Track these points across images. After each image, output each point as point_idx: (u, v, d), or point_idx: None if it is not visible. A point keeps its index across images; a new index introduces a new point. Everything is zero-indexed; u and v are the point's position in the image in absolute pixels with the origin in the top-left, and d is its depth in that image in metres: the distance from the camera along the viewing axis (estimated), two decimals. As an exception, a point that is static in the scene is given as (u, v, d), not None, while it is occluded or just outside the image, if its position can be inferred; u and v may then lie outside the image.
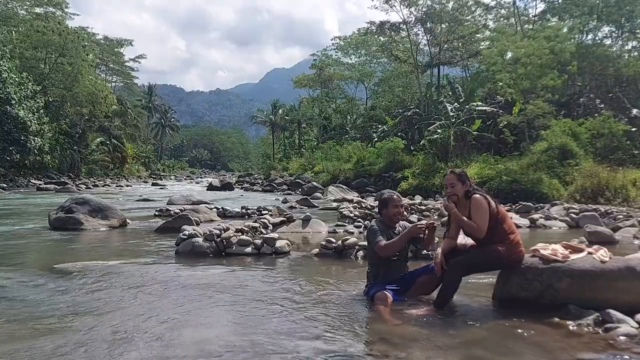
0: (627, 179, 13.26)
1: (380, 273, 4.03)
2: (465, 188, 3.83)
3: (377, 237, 3.96)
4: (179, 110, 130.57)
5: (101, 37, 52.94)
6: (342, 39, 45.13)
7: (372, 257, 4.11)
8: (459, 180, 3.84)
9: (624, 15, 22.96)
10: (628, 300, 3.40)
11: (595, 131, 17.52)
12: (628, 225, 8.62)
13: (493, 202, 3.78)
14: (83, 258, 5.94)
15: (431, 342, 3.10)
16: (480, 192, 3.84)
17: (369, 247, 4.15)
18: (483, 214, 3.68)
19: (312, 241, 7.55)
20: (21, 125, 26.34)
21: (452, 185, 3.85)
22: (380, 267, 4.04)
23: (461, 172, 3.93)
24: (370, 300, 3.93)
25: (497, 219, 3.71)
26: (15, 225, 9.70)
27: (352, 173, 25.11)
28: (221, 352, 2.88)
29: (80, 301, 4.06)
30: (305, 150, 44.54)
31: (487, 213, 3.69)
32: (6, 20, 34.86)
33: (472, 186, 3.90)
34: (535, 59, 17.90)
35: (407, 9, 31.87)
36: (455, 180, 3.84)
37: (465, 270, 3.78)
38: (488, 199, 3.77)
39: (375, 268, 4.07)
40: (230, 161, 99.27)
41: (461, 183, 3.83)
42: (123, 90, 59.90)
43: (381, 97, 42.76)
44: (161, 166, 65.48)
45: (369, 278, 4.14)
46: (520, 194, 14.38)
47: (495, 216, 3.70)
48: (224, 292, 4.34)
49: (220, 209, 11.49)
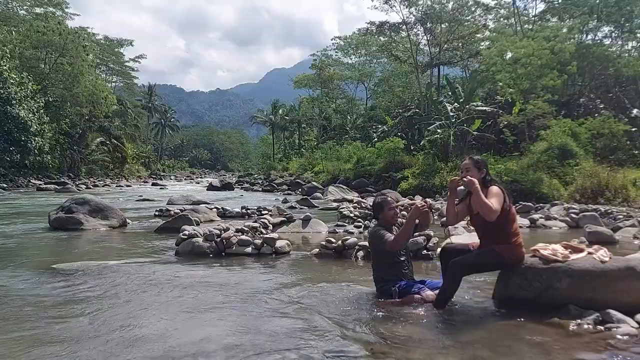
0: (627, 179, 13.25)
1: (391, 272, 3.98)
2: (482, 175, 3.77)
3: (385, 235, 3.93)
4: (179, 110, 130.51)
5: (101, 37, 52.95)
6: (342, 39, 45.18)
7: (381, 259, 4.04)
8: (475, 166, 3.80)
9: (624, 16, 22.94)
10: (628, 300, 3.40)
11: (595, 131, 17.51)
12: (628, 225, 8.61)
13: (508, 199, 3.74)
14: (83, 258, 5.94)
15: (431, 342, 3.10)
16: (499, 185, 3.80)
17: (377, 249, 4.05)
18: (498, 200, 3.61)
19: (312, 241, 7.55)
20: (22, 125, 26.33)
21: (467, 169, 3.81)
22: (390, 269, 3.99)
23: (479, 159, 3.89)
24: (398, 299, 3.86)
25: (507, 217, 3.69)
26: (16, 225, 9.70)
27: (352, 173, 25.11)
28: (221, 351, 2.88)
29: (79, 301, 4.06)
30: (305, 151, 44.54)
31: (502, 202, 3.63)
32: (6, 20, 34.86)
33: (490, 176, 3.84)
34: (535, 59, 17.90)
35: (407, 9, 31.88)
36: (471, 166, 3.81)
37: (465, 270, 3.77)
38: (505, 193, 3.73)
39: (384, 272, 4.00)
40: (230, 161, 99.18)
41: (477, 169, 3.78)
42: (123, 90, 59.81)
43: (381, 97, 42.76)
44: (161, 166, 65.42)
45: (377, 280, 4.05)
46: (520, 194, 14.37)
47: (507, 213, 3.68)
48: (224, 292, 4.34)
49: (220, 209, 11.50)
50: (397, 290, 3.90)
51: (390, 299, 3.89)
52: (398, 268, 4.02)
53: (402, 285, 3.92)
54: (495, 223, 3.61)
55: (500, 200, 3.64)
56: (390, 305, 3.81)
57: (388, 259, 4.01)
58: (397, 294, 3.90)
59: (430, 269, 5.46)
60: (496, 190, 3.70)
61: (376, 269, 4.11)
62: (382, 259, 4.04)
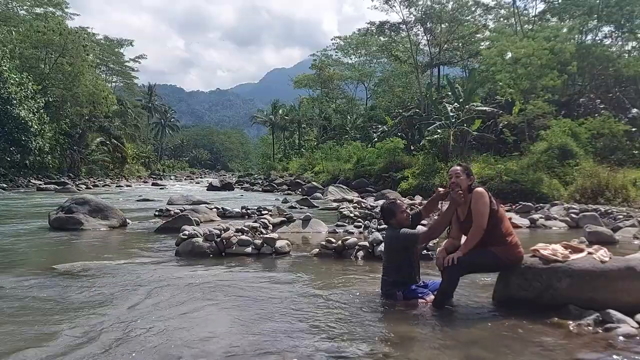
0: (627, 179, 13.26)
1: (405, 275, 3.97)
2: (470, 182, 3.83)
3: (412, 231, 3.99)
4: (179, 110, 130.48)
5: (101, 37, 53.03)
6: (342, 39, 45.19)
7: (402, 261, 3.98)
8: (464, 173, 3.85)
9: (624, 16, 22.95)
10: (628, 300, 3.41)
11: (595, 131, 17.52)
12: (628, 225, 8.62)
13: (494, 200, 3.78)
14: (83, 258, 5.94)
15: (431, 342, 3.10)
16: (482, 187, 3.85)
17: (400, 250, 3.99)
18: (483, 205, 3.67)
19: (312, 241, 7.54)
20: (22, 125, 26.34)
21: (457, 175, 3.84)
22: (408, 270, 3.98)
23: (467, 166, 3.98)
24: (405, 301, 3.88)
25: (497, 218, 3.71)
26: (16, 225, 9.70)
27: (352, 173, 25.12)
28: (221, 352, 2.88)
29: (79, 301, 4.06)
30: (305, 151, 44.56)
31: (488, 206, 3.68)
32: (6, 20, 34.86)
33: (476, 183, 3.91)
34: (535, 59, 17.90)
35: (407, 9, 31.90)
36: (460, 172, 3.85)
37: (463, 270, 3.78)
38: (489, 195, 3.77)
39: (401, 274, 3.97)
40: (230, 161, 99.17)
41: (466, 175, 3.84)
42: (123, 90, 59.85)
43: (381, 97, 42.79)
44: (161, 166, 65.42)
45: (388, 283, 4.02)
46: (520, 194, 14.38)
47: (494, 214, 3.70)
48: (224, 292, 4.33)
49: (220, 209, 11.49)
50: (401, 295, 3.91)
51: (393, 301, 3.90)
52: (416, 269, 4.04)
53: (410, 288, 3.93)
54: (487, 226, 3.66)
55: (485, 203, 3.69)
56: (391, 306, 3.81)
57: (411, 259, 4.00)
58: (401, 297, 3.91)
59: (430, 268, 5.44)
60: (480, 193, 3.72)
61: (394, 271, 4.01)
62: (405, 260, 3.99)
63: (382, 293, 4.07)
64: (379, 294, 4.10)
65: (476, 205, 3.70)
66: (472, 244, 3.69)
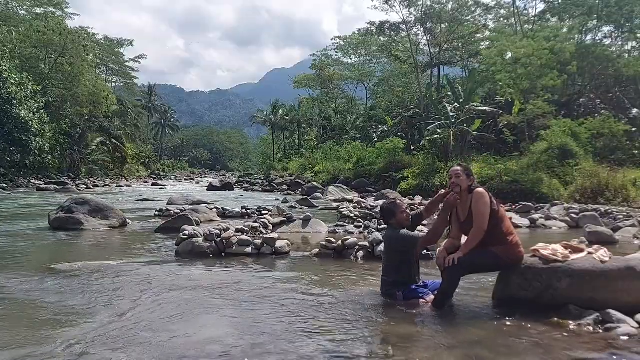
0: (627, 179, 13.26)
1: (405, 275, 3.98)
2: (470, 183, 3.83)
3: (413, 233, 4.01)
4: (179, 110, 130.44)
5: (101, 37, 53.01)
6: (342, 39, 45.20)
7: (403, 261, 3.99)
8: (465, 173, 3.86)
9: (624, 16, 22.95)
10: (628, 300, 3.40)
11: (595, 131, 17.52)
12: (628, 225, 8.62)
13: (495, 200, 3.79)
14: (83, 258, 5.94)
15: (431, 342, 3.10)
16: (483, 187, 3.86)
17: (401, 250, 3.99)
18: (484, 205, 3.68)
19: (312, 241, 7.54)
20: (22, 125, 26.33)
21: (457, 175, 3.85)
22: (408, 270, 3.99)
23: (468, 167, 3.99)
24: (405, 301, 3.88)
25: (497, 218, 3.71)
26: (15, 225, 9.70)
27: (352, 173, 25.11)
28: (221, 352, 2.88)
29: (79, 301, 4.06)
30: (305, 151, 44.56)
31: (488, 206, 3.69)
32: (6, 20, 34.85)
33: (476, 183, 3.92)
34: (535, 59, 17.90)
35: (407, 9, 31.91)
36: (461, 172, 3.86)
37: (464, 271, 3.78)
38: (490, 195, 3.78)
39: (402, 274, 3.98)
40: (230, 161, 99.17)
41: (466, 176, 3.84)
42: (123, 90, 59.85)
43: (381, 97, 42.79)
44: (161, 166, 65.40)
45: (388, 284, 4.03)
46: (520, 194, 14.38)
47: (495, 215, 3.71)
48: (224, 292, 4.34)
49: (220, 209, 11.49)
50: (401, 295, 3.92)
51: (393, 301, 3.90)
52: (416, 269, 4.05)
53: (410, 288, 3.93)
54: (487, 227, 3.66)
55: (486, 203, 3.69)
56: (391, 306, 3.81)
57: (410, 259, 4.01)
58: (401, 297, 3.91)
59: (430, 268, 5.44)
60: (480, 194, 3.73)
61: (394, 271, 4.01)
62: (404, 260, 3.99)
63: (382, 293, 4.07)
64: (379, 294, 4.10)
65: (477, 205, 3.70)
66: (472, 244, 3.70)
